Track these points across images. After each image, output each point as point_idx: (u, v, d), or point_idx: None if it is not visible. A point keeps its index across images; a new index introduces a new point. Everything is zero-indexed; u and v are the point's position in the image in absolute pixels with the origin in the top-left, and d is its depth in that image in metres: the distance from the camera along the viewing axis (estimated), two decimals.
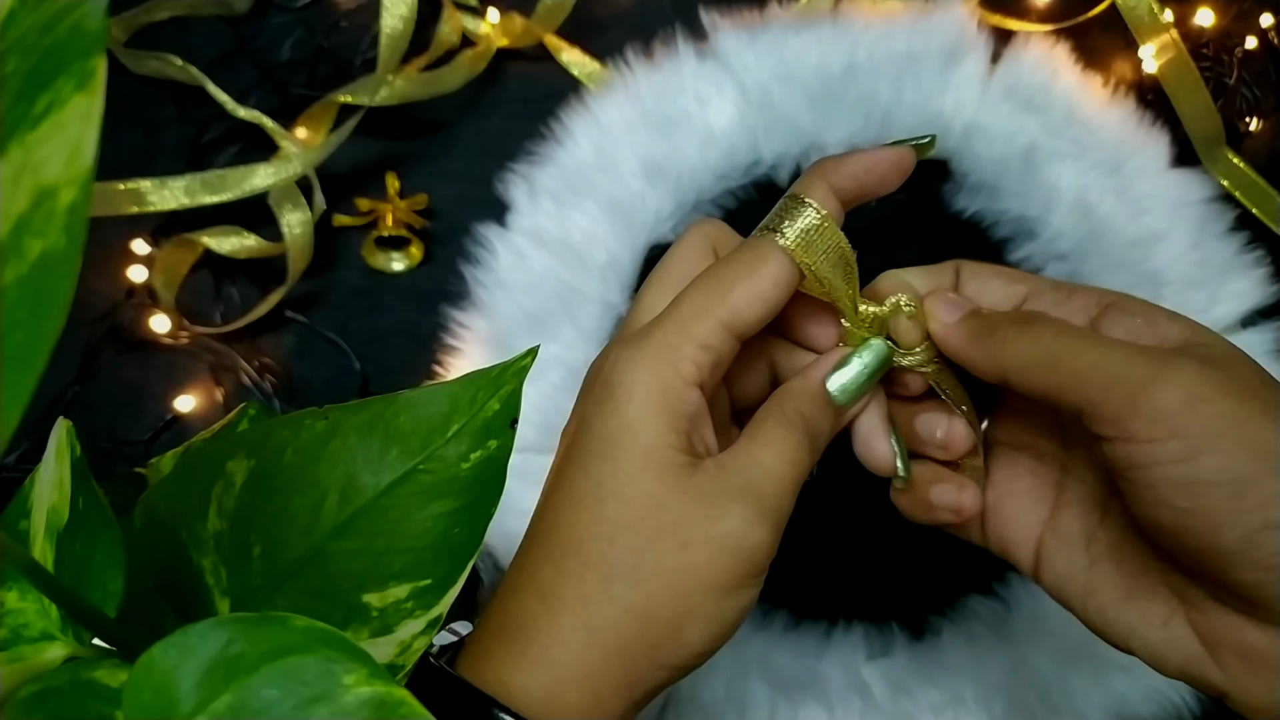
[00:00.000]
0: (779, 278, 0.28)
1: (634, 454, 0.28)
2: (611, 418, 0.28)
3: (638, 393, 0.28)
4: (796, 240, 0.29)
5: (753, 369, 0.32)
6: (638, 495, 0.27)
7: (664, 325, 0.28)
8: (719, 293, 0.28)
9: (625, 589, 0.27)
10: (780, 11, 0.49)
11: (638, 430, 0.28)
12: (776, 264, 0.29)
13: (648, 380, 0.28)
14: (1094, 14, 0.52)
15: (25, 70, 0.17)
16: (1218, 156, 0.52)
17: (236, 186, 0.49)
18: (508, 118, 0.52)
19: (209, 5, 0.52)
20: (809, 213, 0.29)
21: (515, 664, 0.27)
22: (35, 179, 0.15)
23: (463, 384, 0.27)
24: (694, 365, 0.28)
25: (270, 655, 0.20)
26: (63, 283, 0.15)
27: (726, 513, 0.27)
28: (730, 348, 0.29)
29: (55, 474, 0.25)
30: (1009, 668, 0.46)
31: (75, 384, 0.51)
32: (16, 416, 0.14)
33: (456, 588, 0.26)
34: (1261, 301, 0.48)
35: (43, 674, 0.22)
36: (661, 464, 0.27)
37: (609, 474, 0.28)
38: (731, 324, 0.28)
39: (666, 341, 0.28)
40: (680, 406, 0.28)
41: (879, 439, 0.31)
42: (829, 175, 0.30)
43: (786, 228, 0.29)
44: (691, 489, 0.27)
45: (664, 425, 0.28)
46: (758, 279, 0.28)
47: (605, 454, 0.28)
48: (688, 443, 0.28)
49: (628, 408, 0.28)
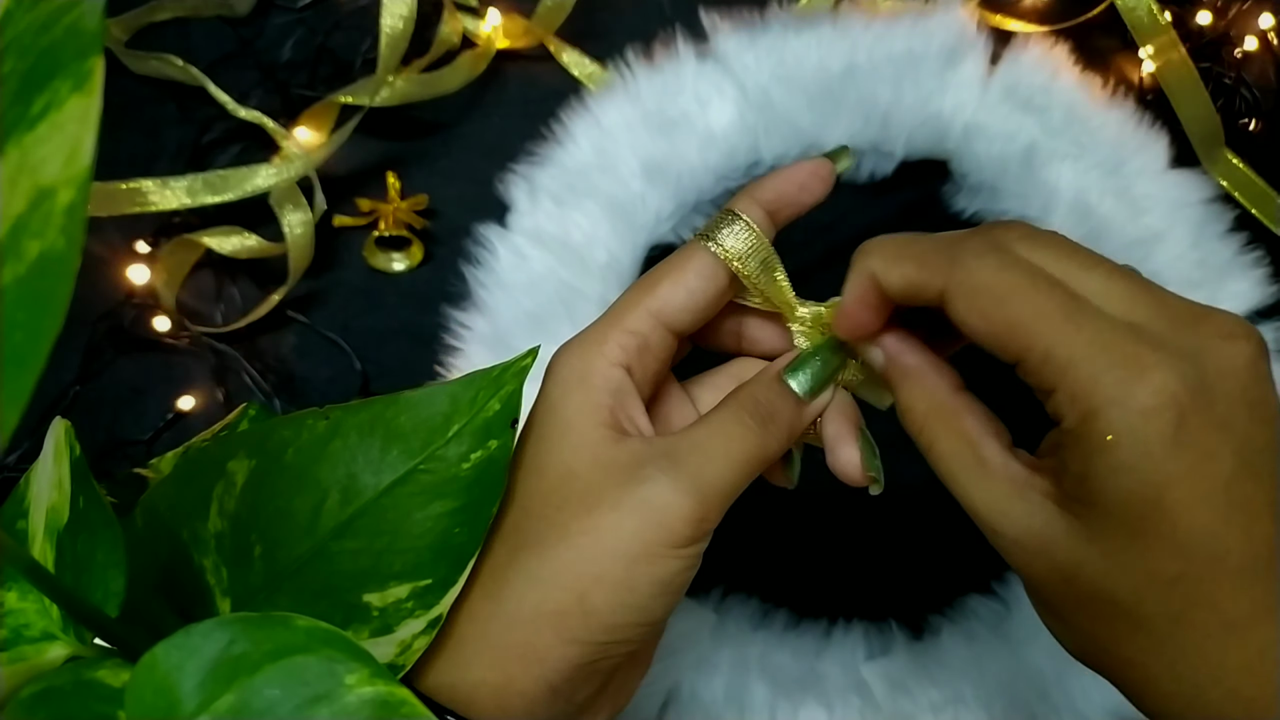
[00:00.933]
0: (702, 269, 0.30)
1: (553, 430, 0.28)
2: (540, 402, 0.29)
3: (562, 373, 0.29)
4: (723, 244, 0.30)
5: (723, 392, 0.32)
6: (553, 467, 0.28)
7: (597, 321, 0.30)
8: (647, 286, 0.30)
9: (529, 556, 0.27)
10: (780, 12, 0.49)
11: (557, 406, 0.29)
12: (699, 259, 0.30)
13: (572, 362, 0.29)
14: (1093, 15, 0.52)
15: (22, 71, 0.17)
16: (1217, 157, 0.52)
17: (238, 187, 0.49)
18: (508, 118, 0.53)
19: (210, 6, 0.52)
20: (734, 220, 0.31)
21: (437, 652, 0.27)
22: (33, 180, 0.15)
23: (463, 384, 0.27)
24: (619, 348, 0.29)
25: (272, 655, 0.20)
26: (61, 283, 0.15)
27: (639, 478, 0.27)
28: (660, 336, 0.30)
29: (54, 474, 0.25)
30: (1009, 667, 0.46)
31: (76, 384, 0.51)
32: (16, 416, 0.14)
33: (457, 587, 0.26)
34: (1261, 302, 0.48)
35: (44, 674, 0.22)
36: (578, 437, 0.28)
37: (531, 453, 0.29)
38: (659, 312, 0.29)
39: (596, 329, 0.30)
40: (600, 382, 0.28)
41: (845, 444, 0.31)
42: (754, 191, 0.31)
43: (714, 233, 0.31)
44: (607, 458, 0.28)
45: (582, 399, 0.28)
46: (682, 271, 0.30)
47: (530, 436, 0.29)
48: (609, 417, 0.28)
49: (552, 389, 0.29)
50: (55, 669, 0.23)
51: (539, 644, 0.27)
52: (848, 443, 0.31)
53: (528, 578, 0.27)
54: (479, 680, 0.27)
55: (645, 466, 0.27)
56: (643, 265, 0.49)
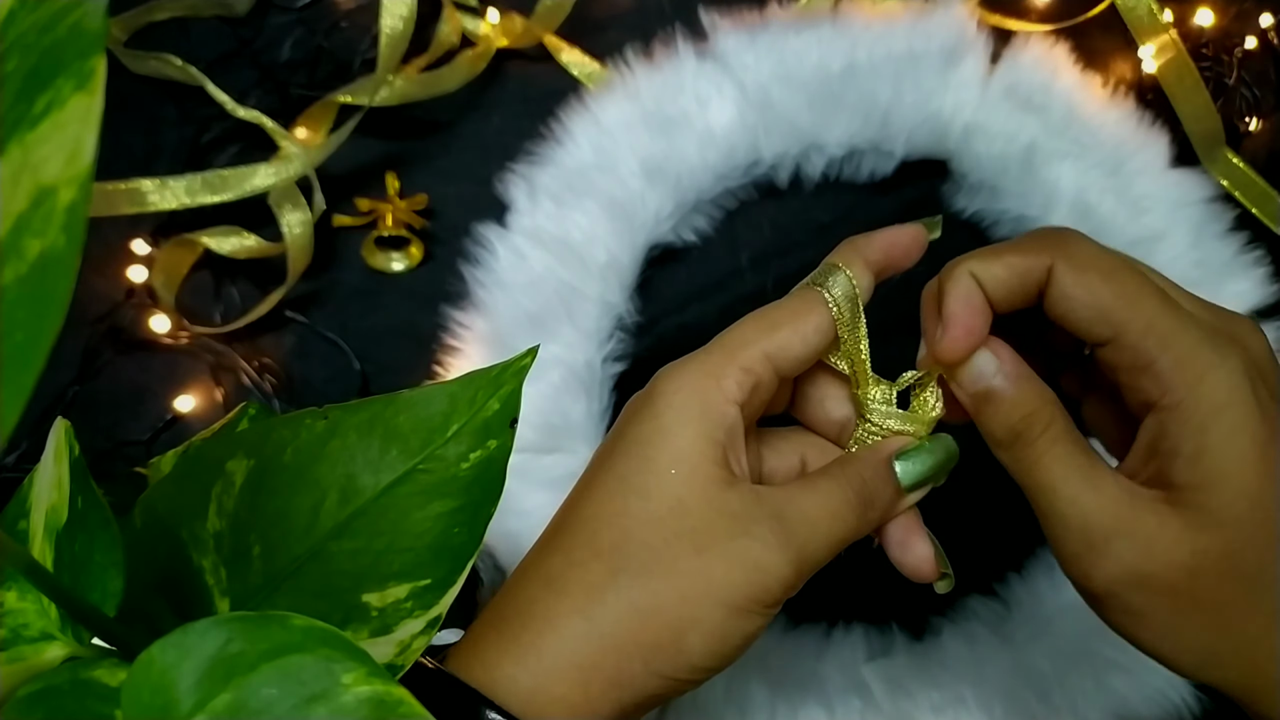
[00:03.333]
0: (822, 325, 0.29)
1: (665, 454, 0.28)
2: (648, 421, 0.28)
3: (677, 399, 0.28)
4: (837, 299, 0.30)
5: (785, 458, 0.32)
6: (663, 494, 0.27)
7: (709, 350, 0.29)
8: (765, 328, 0.29)
9: (632, 582, 0.27)
10: (780, 12, 0.49)
11: (671, 432, 0.28)
12: (821, 314, 0.29)
13: (687, 389, 0.28)
14: (1093, 14, 0.52)
15: (25, 70, 0.17)
16: (1217, 156, 0.52)
17: (237, 186, 0.49)
18: (507, 118, 0.52)
19: (209, 6, 0.52)
20: (842, 279, 0.30)
21: (507, 651, 0.27)
22: (35, 178, 0.15)
23: (462, 384, 0.27)
24: (735, 384, 0.28)
25: (269, 654, 0.20)
26: (62, 282, 0.15)
27: (750, 532, 0.27)
28: (771, 379, 0.29)
29: (54, 474, 0.25)
30: (1009, 668, 0.46)
31: (75, 384, 0.51)
32: (15, 416, 0.14)
33: (456, 587, 0.26)
34: (1262, 301, 0.48)
35: (42, 673, 0.22)
36: (692, 469, 0.27)
37: (636, 470, 0.28)
38: (775, 358, 0.29)
39: (711, 360, 0.29)
40: (718, 417, 0.28)
41: (917, 539, 0.31)
42: (862, 249, 0.31)
43: (831, 286, 0.30)
44: (719, 501, 0.27)
45: (699, 432, 0.28)
46: (804, 322, 0.29)
47: (636, 453, 0.28)
48: (722, 456, 0.28)
49: (666, 412, 0.28)
50: (53, 668, 0.23)
51: (627, 671, 0.27)
52: (919, 538, 0.31)
53: (629, 606, 0.27)
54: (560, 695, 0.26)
55: (759, 523, 0.27)
56: (642, 265, 0.49)
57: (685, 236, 0.50)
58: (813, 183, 0.51)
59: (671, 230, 0.49)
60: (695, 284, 0.52)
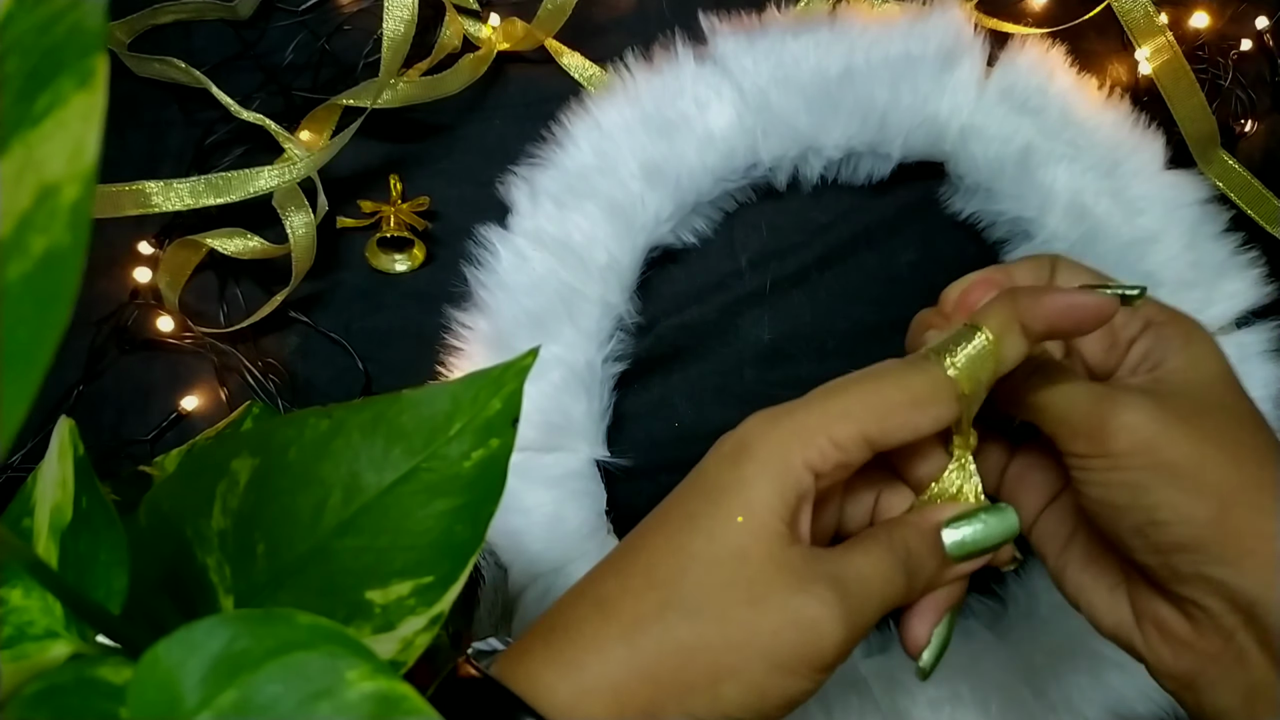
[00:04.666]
0: (941, 418, 0.29)
1: (737, 502, 0.28)
2: (729, 469, 0.28)
3: (761, 453, 0.28)
4: (960, 366, 0.29)
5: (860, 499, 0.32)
6: (727, 540, 0.27)
7: (809, 408, 0.29)
8: (877, 408, 0.28)
9: (681, 620, 0.27)
10: (778, 15, 0.49)
11: (748, 483, 0.28)
12: (944, 408, 0.29)
13: (773, 446, 0.28)
14: (1089, 17, 0.52)
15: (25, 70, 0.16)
16: (1213, 158, 0.52)
17: (241, 188, 0.49)
18: (509, 121, 0.53)
19: (213, 9, 0.52)
20: (983, 355, 0.29)
21: (552, 661, 0.27)
22: (38, 176, 0.15)
23: (465, 383, 0.27)
24: (820, 454, 0.28)
25: (274, 651, 0.20)
26: (67, 279, 0.15)
27: (808, 590, 0.27)
28: (861, 458, 0.29)
29: (58, 472, 0.25)
30: (1006, 665, 0.46)
31: (81, 384, 0.51)
32: (21, 414, 0.14)
33: (458, 585, 0.26)
34: (1256, 302, 0.48)
35: (47, 671, 0.22)
36: (760, 523, 0.27)
37: (706, 513, 0.28)
38: (875, 441, 0.28)
39: (805, 423, 0.28)
40: (794, 481, 0.28)
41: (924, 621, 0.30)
42: (1024, 311, 0.29)
43: (957, 355, 0.29)
44: (780, 557, 0.27)
45: (774, 490, 0.28)
46: (920, 414, 0.28)
47: (709, 496, 0.28)
48: (791, 517, 0.28)
49: (748, 464, 0.28)
50: (58, 666, 0.23)
51: (661, 705, 0.27)
52: (926, 622, 0.30)
53: (673, 642, 0.27)
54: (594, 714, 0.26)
55: (816, 584, 0.27)
56: (642, 266, 0.49)
57: (685, 238, 0.51)
58: (811, 185, 0.51)
59: (671, 232, 0.49)
60: (694, 285, 0.52)
